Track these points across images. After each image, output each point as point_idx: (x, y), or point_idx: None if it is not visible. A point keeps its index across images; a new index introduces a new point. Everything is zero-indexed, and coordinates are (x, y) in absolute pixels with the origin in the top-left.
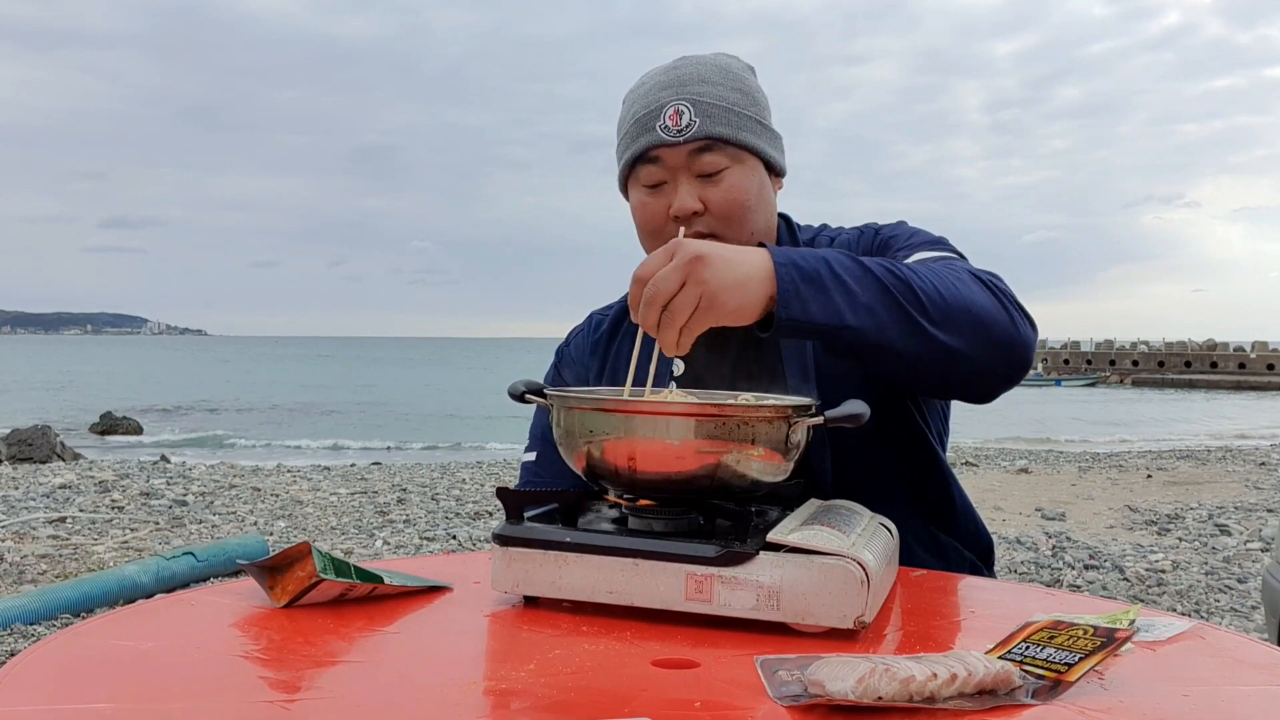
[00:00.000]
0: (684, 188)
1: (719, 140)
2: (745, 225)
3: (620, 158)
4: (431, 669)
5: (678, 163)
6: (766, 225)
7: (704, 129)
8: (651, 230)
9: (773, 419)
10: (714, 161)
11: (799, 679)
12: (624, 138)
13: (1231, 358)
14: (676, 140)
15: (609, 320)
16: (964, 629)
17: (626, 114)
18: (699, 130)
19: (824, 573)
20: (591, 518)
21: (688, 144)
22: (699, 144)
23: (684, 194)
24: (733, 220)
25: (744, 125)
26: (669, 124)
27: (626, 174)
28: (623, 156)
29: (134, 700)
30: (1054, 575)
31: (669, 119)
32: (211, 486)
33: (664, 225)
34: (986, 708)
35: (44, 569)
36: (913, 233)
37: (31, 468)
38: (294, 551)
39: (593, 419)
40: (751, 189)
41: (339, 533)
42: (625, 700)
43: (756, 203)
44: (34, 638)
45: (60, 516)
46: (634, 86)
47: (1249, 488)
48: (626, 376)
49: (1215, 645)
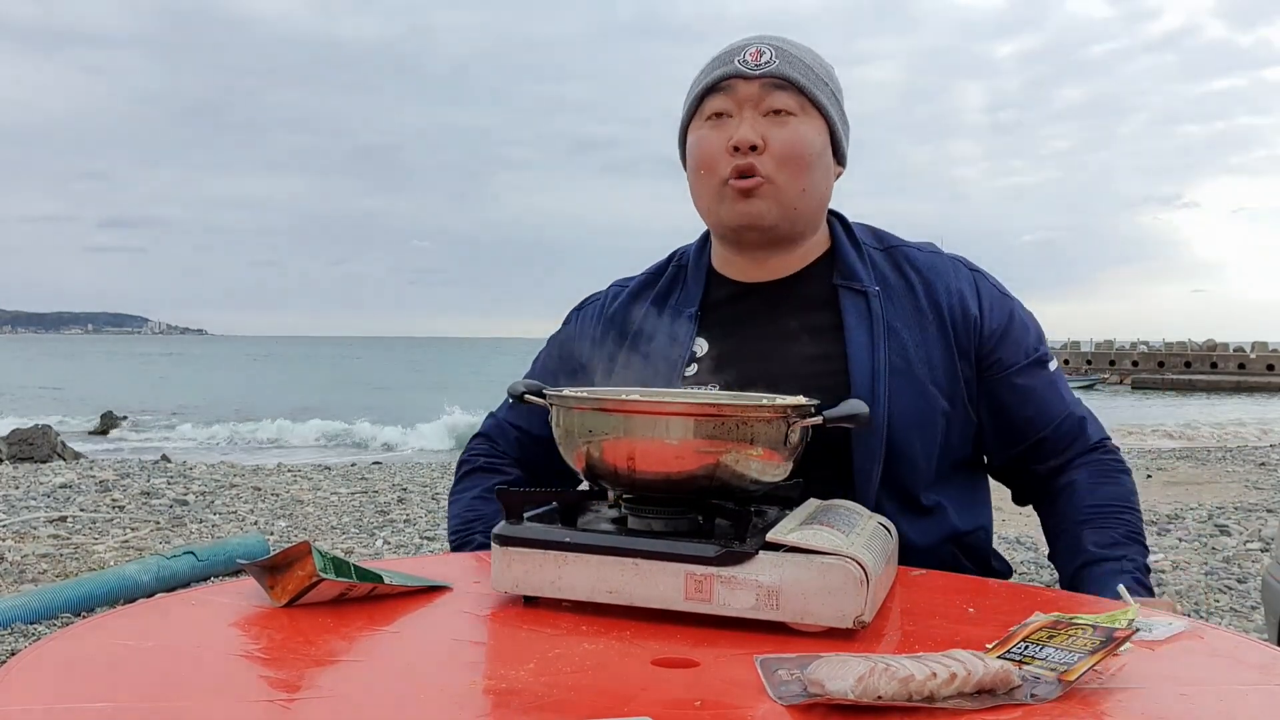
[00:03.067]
0: (749, 120)
1: (793, 84)
2: (800, 178)
3: (690, 94)
4: (431, 669)
5: (748, 95)
6: (821, 192)
7: (781, 69)
8: (706, 162)
9: (771, 419)
10: (784, 102)
11: (799, 678)
12: (699, 76)
13: (1231, 358)
14: (752, 72)
15: (627, 292)
16: (964, 629)
17: (705, 61)
18: (777, 69)
19: (823, 572)
20: (591, 518)
21: (762, 78)
22: (774, 80)
23: (747, 126)
24: (790, 166)
25: (820, 85)
26: (749, 59)
27: (693, 111)
28: (694, 90)
29: (134, 700)
30: (1054, 575)
31: (749, 55)
32: (212, 486)
33: (719, 158)
34: (986, 707)
35: (44, 568)
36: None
37: (32, 467)
38: (294, 551)
39: (591, 419)
40: (815, 145)
41: (339, 532)
42: (625, 700)
43: (816, 162)
44: (34, 637)
45: (61, 516)
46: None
47: (1249, 488)
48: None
49: (1214, 645)
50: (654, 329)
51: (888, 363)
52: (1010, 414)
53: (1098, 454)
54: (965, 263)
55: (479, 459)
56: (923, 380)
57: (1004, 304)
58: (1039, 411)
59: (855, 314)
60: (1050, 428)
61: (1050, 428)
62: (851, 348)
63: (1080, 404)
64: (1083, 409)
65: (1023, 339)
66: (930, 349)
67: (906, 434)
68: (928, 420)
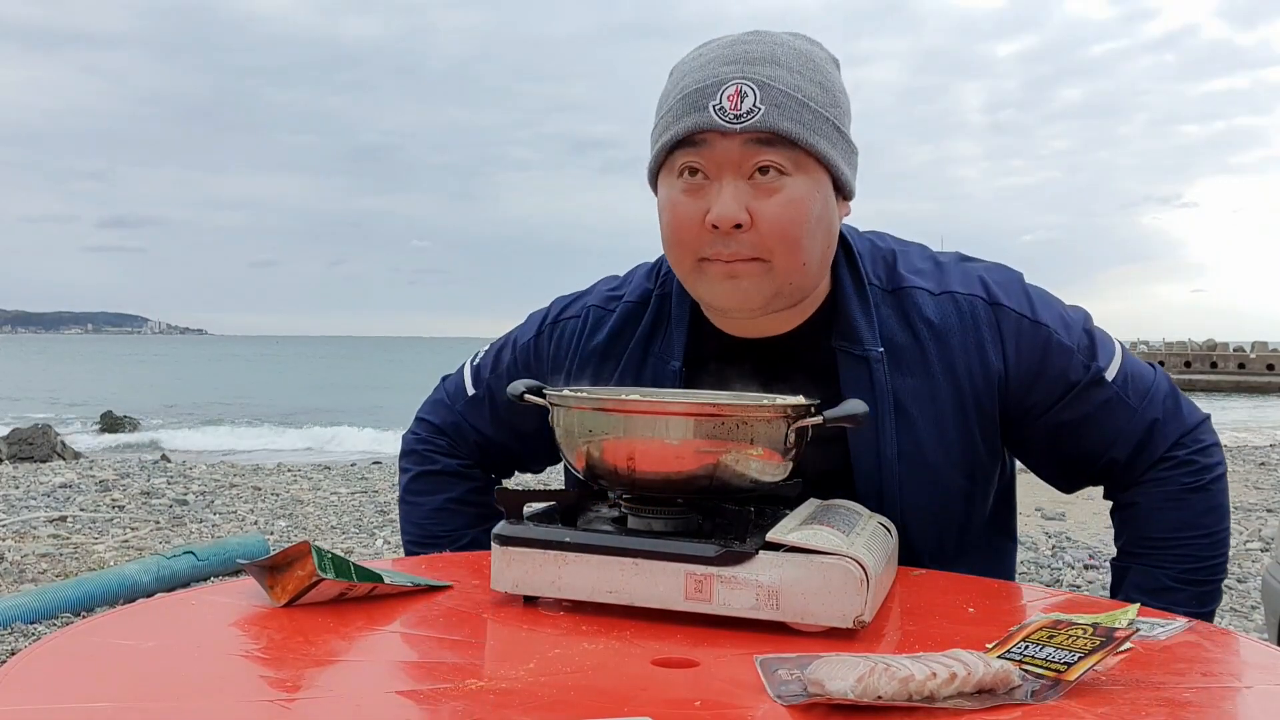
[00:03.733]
0: (730, 190)
1: (784, 139)
2: (798, 252)
3: (656, 140)
4: (431, 669)
5: (728, 156)
6: (823, 255)
7: (769, 120)
8: (681, 238)
9: (771, 418)
10: (773, 163)
11: (799, 678)
12: (665, 115)
13: (1231, 358)
14: (732, 126)
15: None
16: (964, 629)
17: (673, 88)
18: (762, 120)
19: (823, 572)
20: (591, 517)
21: (745, 133)
22: (759, 136)
23: (728, 198)
24: (784, 244)
25: (818, 127)
26: (726, 105)
27: (661, 161)
28: (660, 139)
29: (134, 700)
30: (1054, 575)
31: (727, 99)
32: (212, 486)
33: (698, 234)
34: (986, 707)
35: (44, 568)
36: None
37: (32, 467)
38: (294, 551)
39: (592, 419)
40: (813, 208)
41: (339, 532)
42: (625, 700)
43: (815, 226)
44: (34, 637)
45: (61, 515)
46: (687, 57)
47: (1249, 488)
48: None
49: (1215, 645)
50: (636, 383)
51: (896, 446)
52: (1065, 449)
53: (1165, 468)
54: (984, 297)
55: (437, 458)
56: (936, 466)
57: (1035, 337)
58: (1101, 436)
59: (856, 387)
60: (1116, 447)
61: (1116, 447)
62: (852, 433)
63: (1155, 399)
64: (1156, 409)
65: (1065, 368)
66: (944, 423)
67: (922, 525)
68: (946, 508)
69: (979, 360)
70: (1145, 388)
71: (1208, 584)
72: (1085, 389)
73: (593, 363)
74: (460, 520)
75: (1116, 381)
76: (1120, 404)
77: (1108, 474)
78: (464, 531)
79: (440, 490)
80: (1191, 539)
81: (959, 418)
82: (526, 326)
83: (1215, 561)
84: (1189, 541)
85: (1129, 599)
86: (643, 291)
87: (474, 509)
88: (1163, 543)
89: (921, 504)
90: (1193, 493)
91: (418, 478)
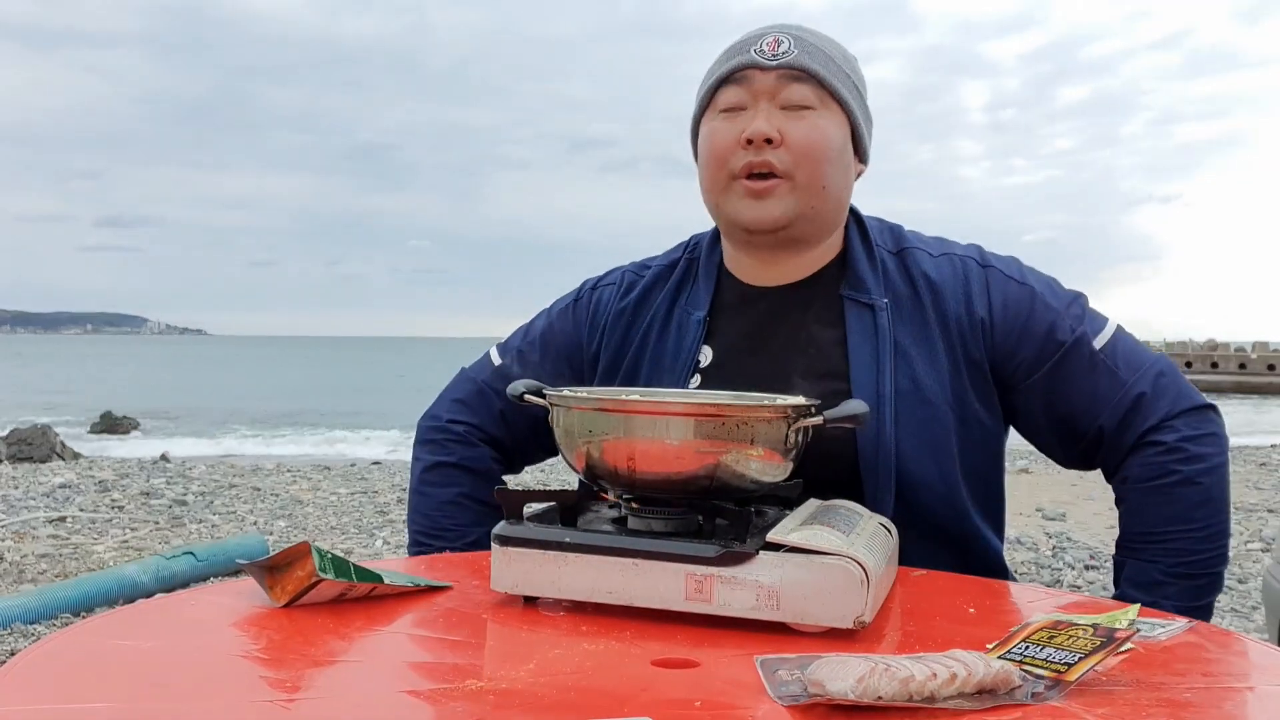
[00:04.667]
0: (764, 112)
1: (812, 76)
2: (819, 174)
3: (702, 86)
4: (431, 669)
5: (764, 86)
6: (839, 193)
7: (800, 60)
8: (718, 155)
9: (772, 419)
10: (802, 95)
11: (799, 679)
12: (712, 67)
13: (1232, 358)
14: (769, 63)
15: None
16: (964, 629)
17: (719, 52)
18: (795, 59)
19: (824, 572)
20: (591, 517)
21: (779, 69)
22: (791, 72)
23: (763, 118)
24: (808, 162)
25: (841, 79)
26: (765, 49)
27: (707, 101)
28: (706, 82)
29: (134, 700)
30: (1054, 575)
31: (766, 45)
32: (211, 486)
33: (732, 150)
34: (986, 707)
35: (44, 568)
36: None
37: (31, 467)
38: (294, 551)
39: (592, 419)
40: (834, 140)
41: (339, 532)
42: (625, 700)
43: (836, 158)
44: (34, 637)
45: (60, 516)
46: None
47: (1249, 488)
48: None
49: (1215, 645)
50: (662, 333)
51: (894, 384)
52: (1057, 410)
53: (1154, 451)
54: (978, 259)
55: (454, 447)
56: (933, 402)
57: (1021, 295)
58: (1090, 401)
59: (860, 331)
60: (1105, 414)
61: (1105, 414)
62: (855, 369)
63: (1146, 375)
64: (1146, 382)
65: (1051, 325)
66: (939, 367)
67: (919, 460)
68: (941, 444)
69: (965, 309)
70: (1137, 363)
71: (1202, 577)
72: (1073, 349)
73: (625, 318)
74: (469, 516)
75: (1105, 351)
76: (1108, 372)
77: (1098, 444)
78: (471, 529)
79: (453, 484)
80: (1183, 533)
81: (950, 359)
82: (560, 300)
83: (1210, 555)
84: (1180, 535)
85: (1124, 593)
86: (672, 258)
87: (485, 506)
88: (1154, 536)
89: (918, 437)
90: (1183, 485)
91: (432, 468)
